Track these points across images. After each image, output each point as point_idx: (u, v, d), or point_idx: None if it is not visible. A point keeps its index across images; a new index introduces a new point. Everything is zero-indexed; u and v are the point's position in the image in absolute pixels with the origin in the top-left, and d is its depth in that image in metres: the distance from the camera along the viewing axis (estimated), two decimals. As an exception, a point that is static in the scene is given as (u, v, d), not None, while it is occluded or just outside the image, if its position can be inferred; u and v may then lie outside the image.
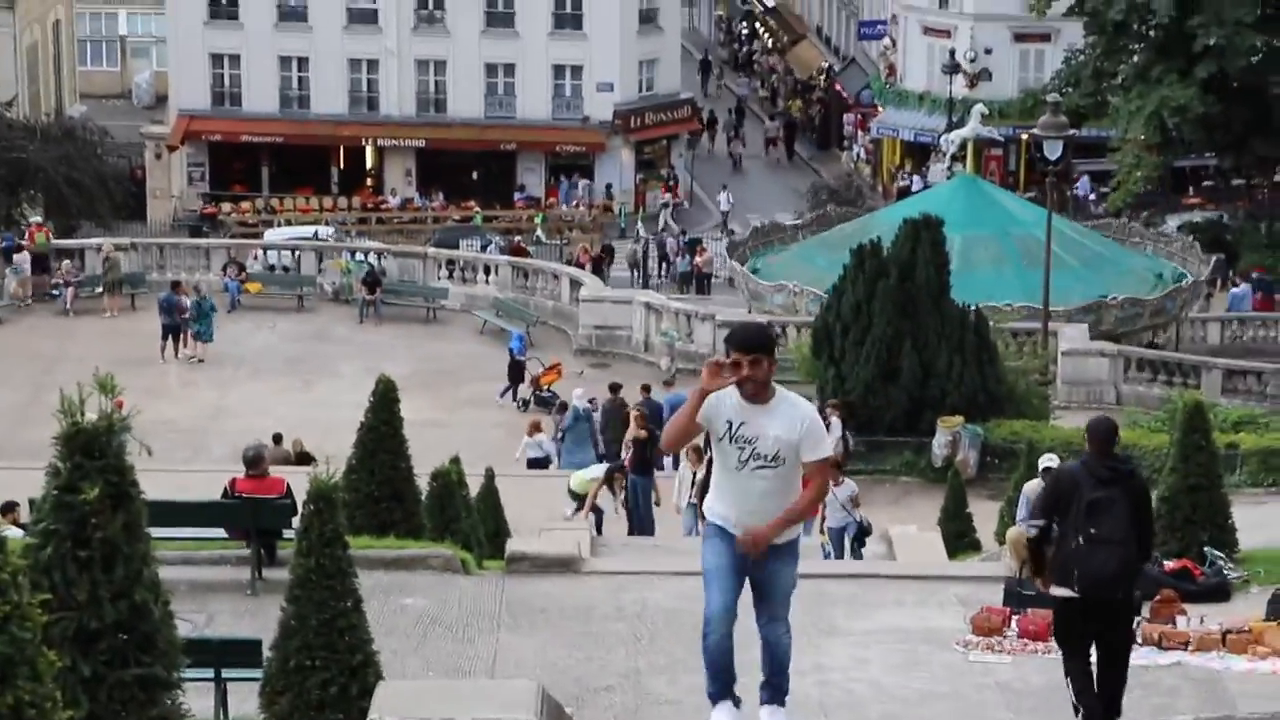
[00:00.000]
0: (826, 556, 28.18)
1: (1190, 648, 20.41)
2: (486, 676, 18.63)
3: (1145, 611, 21.25)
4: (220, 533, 21.72)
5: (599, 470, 32.16)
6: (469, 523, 26.03)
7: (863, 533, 27.99)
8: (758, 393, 9.91)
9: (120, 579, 9.33)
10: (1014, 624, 20.89)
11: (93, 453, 9.38)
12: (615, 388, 44.41)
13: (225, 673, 17.09)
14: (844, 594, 20.63)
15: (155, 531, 20.15)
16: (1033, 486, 23.45)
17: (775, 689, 10.54)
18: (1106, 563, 13.99)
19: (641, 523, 33.52)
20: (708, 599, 10.03)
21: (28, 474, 34.95)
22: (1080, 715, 15.13)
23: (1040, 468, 23.37)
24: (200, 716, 16.15)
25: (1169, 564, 22.81)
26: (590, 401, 43.22)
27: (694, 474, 28.95)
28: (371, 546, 21.58)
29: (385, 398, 23.25)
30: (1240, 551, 24.04)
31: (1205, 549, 23.30)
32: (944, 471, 38.23)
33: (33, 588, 9.02)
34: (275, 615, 16.08)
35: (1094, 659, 15.12)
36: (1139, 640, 20.52)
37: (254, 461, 22.40)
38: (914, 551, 28.21)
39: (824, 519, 27.93)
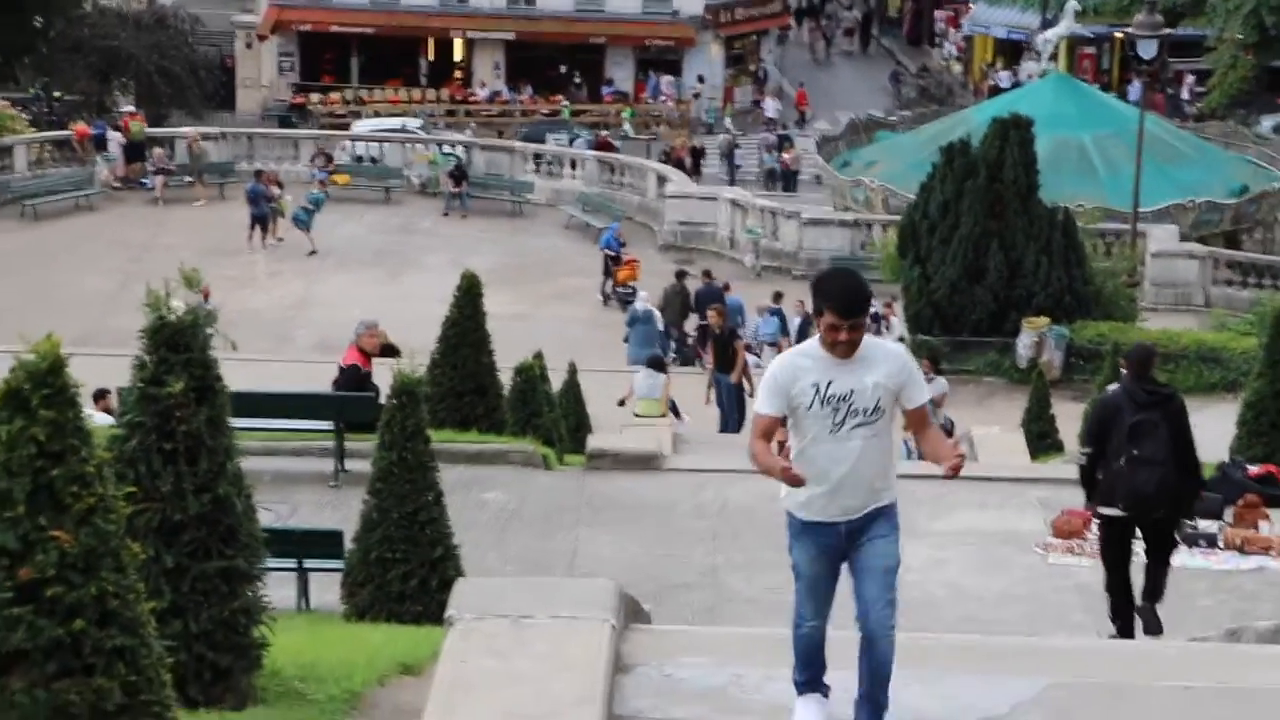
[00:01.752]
0: (909, 456, 28.14)
1: (1273, 553, 20.35)
2: (565, 572, 18.79)
3: (1228, 516, 21.21)
4: (304, 424, 21.83)
5: (659, 389, 31.94)
6: (551, 417, 26.11)
7: (945, 433, 27.88)
8: (852, 354, 8.52)
9: (204, 472, 9.40)
10: (1094, 527, 20.86)
11: (178, 346, 9.42)
12: (680, 274, 44.64)
13: (307, 563, 17.25)
14: (927, 495, 20.60)
15: (240, 423, 20.73)
16: (1116, 394, 23.28)
17: (874, 706, 8.59)
18: (1148, 481, 14.53)
19: (728, 420, 33.53)
20: (798, 604, 8.81)
21: (118, 361, 35.44)
22: (1116, 630, 15.45)
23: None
24: (282, 606, 16.40)
25: (1253, 469, 22.70)
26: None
27: None
28: (454, 441, 21.69)
29: (469, 293, 23.32)
30: (1326, 457, 23.87)
31: (1291, 454, 23.18)
32: (1028, 373, 38.05)
33: (118, 480, 9.17)
34: (357, 507, 16.23)
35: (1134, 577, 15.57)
36: (1221, 545, 20.53)
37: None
38: (996, 453, 28.20)
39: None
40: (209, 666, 9.35)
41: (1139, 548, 15.58)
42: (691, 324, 43.42)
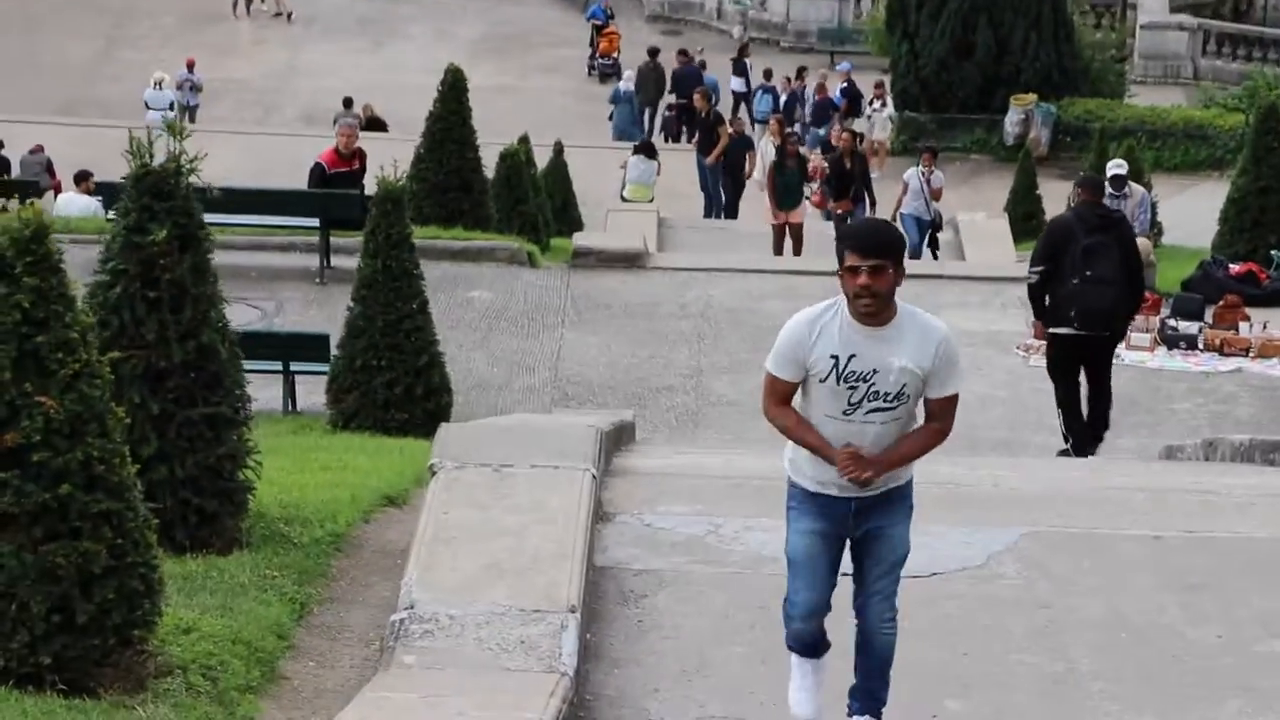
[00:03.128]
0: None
1: (1251, 354, 20.51)
2: (549, 374, 18.96)
3: (1207, 317, 21.35)
4: (293, 220, 21.83)
5: (652, 175, 31.84)
6: (536, 202, 26.10)
7: (935, 227, 27.96)
8: (877, 312, 7.06)
9: (188, 320, 9.43)
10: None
11: (161, 194, 9.43)
12: (653, 52, 44.33)
13: (293, 365, 17.35)
14: (908, 294, 20.59)
15: (228, 218, 20.75)
16: (1100, 190, 23.31)
17: (869, 697, 7.61)
18: (1101, 299, 15.18)
19: (712, 203, 33.54)
20: (790, 591, 7.52)
21: (101, 133, 35.32)
22: (1070, 442, 15.96)
23: (1109, 172, 23.16)
24: (269, 408, 16.57)
25: (1235, 267, 22.82)
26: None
27: (775, 146, 28.81)
28: (438, 237, 21.70)
29: (454, 87, 23.17)
30: (1308, 254, 23.97)
31: (1272, 252, 23.27)
32: (1015, 150, 37.94)
33: (101, 326, 9.24)
34: (343, 305, 16.34)
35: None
36: (1201, 346, 20.69)
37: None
38: (981, 242, 28.29)
39: (900, 204, 27.87)
40: (195, 511, 9.45)
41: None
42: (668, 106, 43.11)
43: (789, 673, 7.60)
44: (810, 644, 7.54)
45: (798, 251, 26.94)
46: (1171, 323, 20.93)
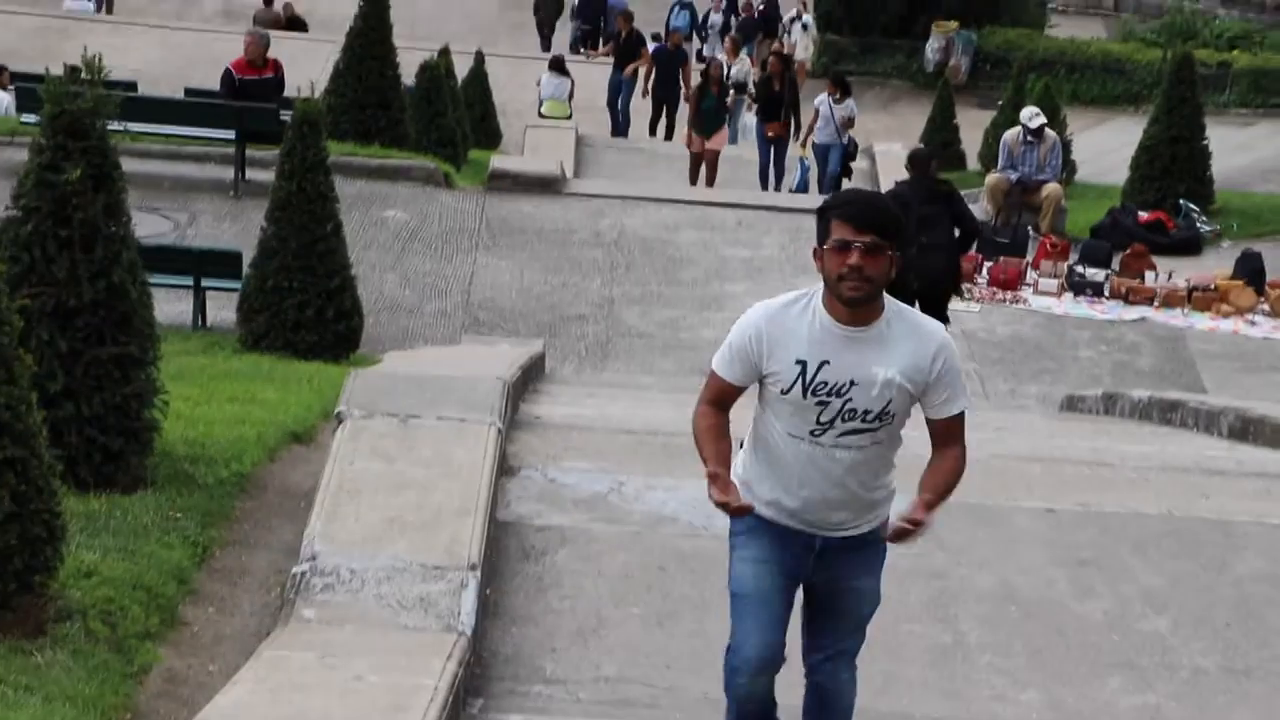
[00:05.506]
0: (805, 170, 28.32)
1: (1156, 303, 20.76)
2: (462, 298, 18.98)
3: (1115, 264, 21.57)
4: (208, 131, 21.68)
5: (565, 91, 31.71)
6: (455, 115, 26.02)
7: (848, 156, 28.04)
8: (864, 301, 5.77)
9: (99, 259, 9.43)
10: (985, 271, 21.21)
11: (77, 133, 9.42)
12: None
13: (205, 281, 17.33)
14: (807, 225, 20.76)
15: (144, 127, 20.62)
16: (1012, 135, 23.51)
17: None
18: (936, 262, 16.48)
19: (617, 121, 33.47)
20: (735, 637, 6.10)
21: (17, 19, 34.93)
22: None
23: (1025, 122, 23.33)
24: (179, 322, 16.57)
25: (1144, 215, 23.02)
26: None
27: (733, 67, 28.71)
28: (355, 154, 21.64)
29: (376, 4, 23.06)
30: (1216, 202, 24.20)
31: (1181, 201, 23.48)
32: (935, 77, 38.01)
33: (12, 262, 9.25)
34: (257, 220, 16.32)
35: None
36: (1107, 294, 20.93)
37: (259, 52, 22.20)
38: (897, 172, 28.30)
39: (811, 131, 27.96)
40: (100, 450, 9.48)
41: None
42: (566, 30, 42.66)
43: None
44: (757, 701, 6.12)
45: (710, 181, 27.01)
46: (1079, 269, 21.14)
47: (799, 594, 6.20)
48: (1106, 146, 31.94)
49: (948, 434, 6.00)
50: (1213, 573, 9.38)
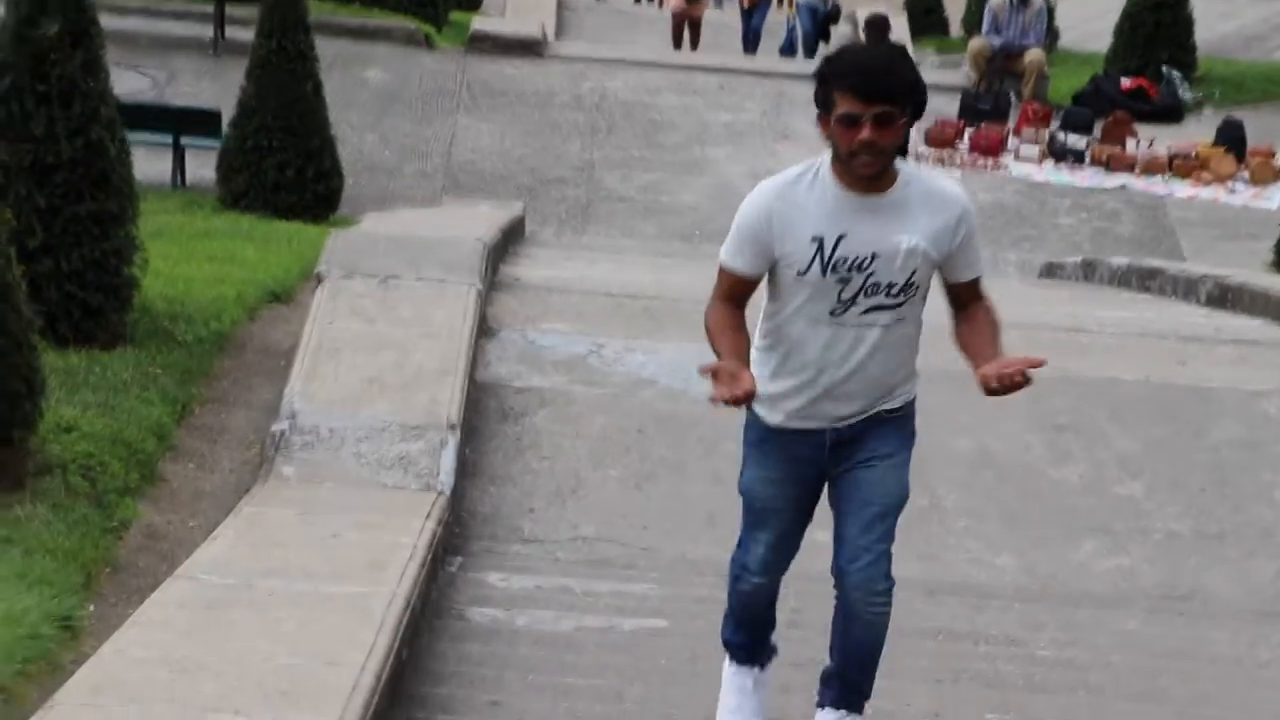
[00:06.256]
0: (791, 30, 28.14)
1: (1136, 170, 20.71)
2: (442, 160, 18.92)
3: (1096, 132, 21.52)
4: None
5: None
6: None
7: (830, 17, 27.84)
8: (879, 174, 5.30)
9: (77, 116, 9.38)
10: (966, 138, 21.15)
11: (54, -12, 9.35)
12: None
13: (184, 140, 17.25)
14: (802, 97, 20.72)
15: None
16: (997, 0, 23.36)
17: (847, 687, 5.68)
18: None
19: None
20: (742, 546, 5.71)
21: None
22: None
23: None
24: (158, 181, 16.50)
25: (1126, 82, 22.92)
26: None
27: None
28: (336, 13, 21.49)
29: None
30: (1199, 69, 24.10)
31: (1163, 68, 23.38)
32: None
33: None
34: (236, 79, 16.23)
35: None
36: (1088, 161, 20.89)
37: None
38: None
39: (796, -8, 27.77)
40: (79, 305, 9.48)
41: None
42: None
43: (722, 685, 5.86)
44: (758, 618, 5.77)
45: (695, 44, 26.86)
46: (1060, 136, 21.09)
47: (823, 498, 5.67)
48: (1090, 13, 31.74)
49: (973, 294, 5.53)
50: (1188, 438, 9.42)
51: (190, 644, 5.53)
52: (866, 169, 5.24)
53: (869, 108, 5.16)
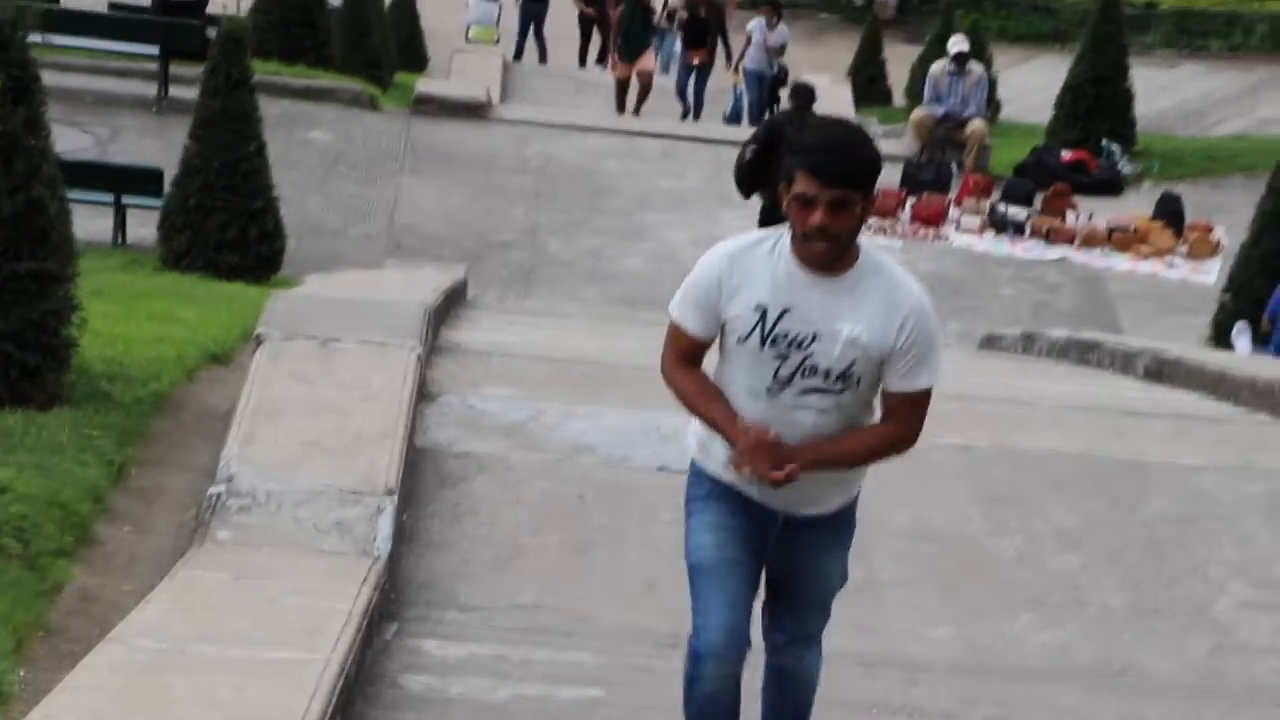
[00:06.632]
0: (738, 98, 28.24)
1: (1076, 243, 20.86)
2: (386, 222, 18.91)
3: (1037, 203, 21.67)
4: (132, 46, 21.51)
5: (493, 16, 31.45)
6: (382, 36, 25.87)
7: (778, 82, 27.95)
8: (833, 260, 5.11)
9: (18, 173, 9.34)
10: (908, 207, 21.27)
11: (-3, 45, 9.32)
12: None
13: (125, 199, 17.22)
14: (726, 158, 20.76)
15: (66, 40, 20.40)
16: (938, 68, 23.53)
17: None
18: None
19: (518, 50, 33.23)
20: (698, 616, 5.33)
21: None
22: None
23: (951, 50, 23.38)
24: (99, 239, 16.45)
25: (1066, 154, 23.11)
26: None
27: None
28: (280, 73, 21.49)
29: (307, -78, 22.91)
30: (1139, 143, 24.32)
31: (1103, 141, 23.59)
32: (864, 11, 38.07)
33: (-70, 174, 9.16)
34: (179, 137, 16.21)
35: None
36: (1028, 233, 21.02)
37: None
38: (823, 106, 28.28)
39: (743, 58, 27.84)
40: (16, 365, 9.42)
41: None
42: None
43: None
44: (721, 707, 5.41)
45: (640, 102, 26.70)
46: (1001, 207, 21.23)
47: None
48: (1032, 85, 32.06)
49: (900, 409, 5.27)
50: (1124, 512, 9.46)
51: (122, 709, 5.49)
52: (819, 256, 5.07)
53: (825, 190, 5.00)
